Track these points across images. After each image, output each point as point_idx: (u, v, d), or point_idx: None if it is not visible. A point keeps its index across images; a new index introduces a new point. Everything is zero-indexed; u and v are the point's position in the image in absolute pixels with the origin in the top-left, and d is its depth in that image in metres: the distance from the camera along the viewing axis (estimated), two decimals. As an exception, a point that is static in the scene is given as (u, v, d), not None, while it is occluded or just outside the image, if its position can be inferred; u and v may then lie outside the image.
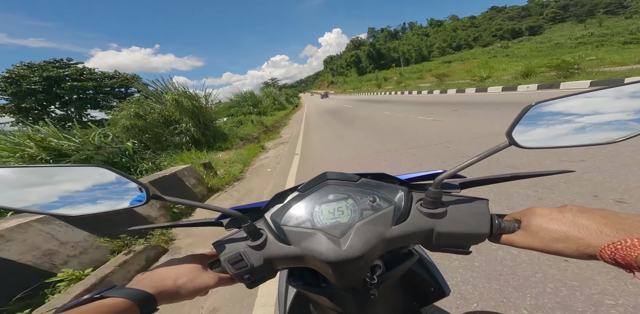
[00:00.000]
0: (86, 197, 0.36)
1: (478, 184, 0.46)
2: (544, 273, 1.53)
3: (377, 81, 56.83)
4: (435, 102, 11.71)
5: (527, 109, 0.34)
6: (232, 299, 1.92)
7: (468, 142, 4.40)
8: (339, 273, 0.39)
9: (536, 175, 0.43)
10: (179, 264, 0.42)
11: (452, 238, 0.40)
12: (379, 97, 27.93)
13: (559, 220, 0.33)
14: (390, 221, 0.40)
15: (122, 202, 0.38)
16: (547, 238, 0.33)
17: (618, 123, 0.32)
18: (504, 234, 0.39)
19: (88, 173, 0.37)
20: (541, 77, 11.39)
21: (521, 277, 1.53)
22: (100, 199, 0.37)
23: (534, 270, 1.56)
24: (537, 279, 1.50)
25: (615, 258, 0.27)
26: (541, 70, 12.27)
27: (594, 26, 66.87)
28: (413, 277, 0.60)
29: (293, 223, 0.42)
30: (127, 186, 0.38)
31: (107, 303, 0.32)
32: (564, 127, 0.34)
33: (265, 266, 0.42)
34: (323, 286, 0.50)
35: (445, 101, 11.55)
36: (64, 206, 0.35)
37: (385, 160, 4.42)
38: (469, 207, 0.40)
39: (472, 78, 17.34)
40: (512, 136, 0.35)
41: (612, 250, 0.27)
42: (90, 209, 0.36)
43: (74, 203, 0.36)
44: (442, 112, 8.18)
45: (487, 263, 1.69)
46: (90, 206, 0.36)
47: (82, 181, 0.37)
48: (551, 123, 0.35)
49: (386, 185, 0.44)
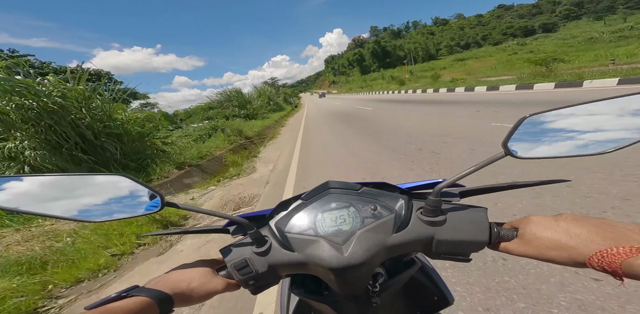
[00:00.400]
0: (106, 204, 0.38)
1: (477, 193, 0.47)
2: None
3: (390, 79, 51.02)
4: (533, 102, 6.83)
5: (521, 121, 0.35)
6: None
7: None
8: (341, 279, 0.39)
9: (534, 184, 0.43)
10: (190, 268, 0.43)
11: (452, 246, 0.40)
12: (397, 96, 22.25)
13: (553, 229, 0.34)
14: (391, 229, 0.41)
15: (138, 209, 0.40)
16: (542, 247, 0.34)
17: (612, 134, 0.33)
18: (502, 242, 0.40)
19: (108, 181, 0.39)
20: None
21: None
22: (119, 206, 0.39)
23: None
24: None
25: (603, 266, 0.28)
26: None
27: (617, 22, 62.02)
28: (416, 285, 0.59)
29: (296, 231, 0.42)
30: (143, 194, 0.40)
31: (132, 301, 0.33)
32: (558, 137, 0.36)
33: (269, 272, 0.42)
34: (325, 294, 0.50)
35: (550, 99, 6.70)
36: (85, 212, 0.37)
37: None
38: (468, 215, 0.41)
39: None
40: (508, 146, 0.36)
41: (599, 258, 0.28)
42: (109, 216, 0.39)
43: (94, 209, 0.37)
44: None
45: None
46: (109, 212, 0.38)
47: (103, 189, 0.38)
48: (546, 134, 0.36)
49: (387, 194, 0.45)
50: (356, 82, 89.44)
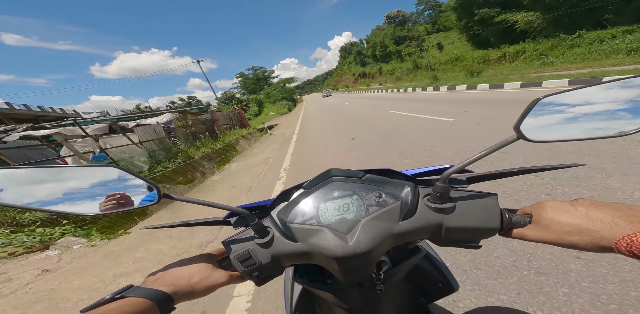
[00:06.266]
0: (99, 196, 0.36)
1: (486, 179, 0.46)
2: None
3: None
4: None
5: (535, 103, 0.34)
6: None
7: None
8: (346, 268, 0.39)
9: (545, 168, 0.42)
10: (190, 264, 0.41)
11: (461, 233, 0.40)
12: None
13: (572, 213, 0.33)
14: (397, 216, 0.40)
15: (134, 201, 0.38)
16: (560, 231, 0.33)
17: (629, 116, 0.31)
18: (515, 228, 0.39)
19: (99, 172, 0.37)
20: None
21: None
22: (114, 198, 0.37)
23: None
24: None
25: (632, 250, 0.27)
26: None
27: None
28: (420, 273, 0.59)
29: (299, 220, 0.42)
30: (138, 186, 0.38)
31: (128, 303, 0.32)
32: (573, 120, 0.34)
33: (273, 263, 0.42)
34: (329, 283, 0.50)
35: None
36: (77, 206, 0.35)
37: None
38: (478, 202, 0.40)
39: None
40: (521, 130, 0.34)
41: (628, 242, 0.27)
42: (104, 208, 0.37)
43: (86, 202, 0.36)
44: None
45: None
46: (104, 205, 0.37)
47: (94, 181, 0.37)
48: (560, 117, 0.34)
49: (391, 181, 0.44)
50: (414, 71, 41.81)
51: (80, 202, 0.35)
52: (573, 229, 0.32)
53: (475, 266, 1.61)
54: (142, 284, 0.37)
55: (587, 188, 2.08)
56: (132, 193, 0.38)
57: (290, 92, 46.67)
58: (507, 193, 2.25)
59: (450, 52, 36.62)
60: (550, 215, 0.34)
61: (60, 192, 0.35)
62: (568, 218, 0.32)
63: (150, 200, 0.38)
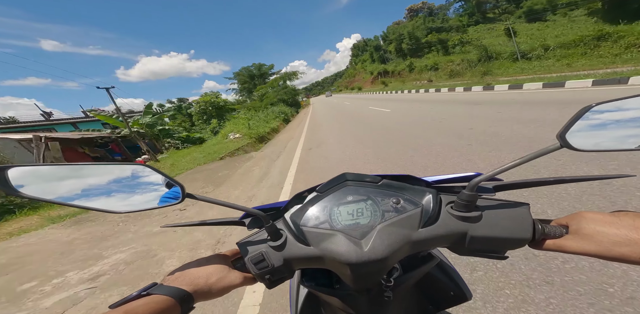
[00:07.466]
0: (128, 194, 0.37)
1: (516, 187, 0.43)
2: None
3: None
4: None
5: (585, 110, 0.32)
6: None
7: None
8: (358, 274, 0.38)
9: (586, 179, 0.39)
10: (207, 264, 0.42)
11: (487, 243, 0.39)
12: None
13: (617, 224, 0.31)
14: (417, 223, 0.39)
15: (159, 200, 0.39)
16: (607, 242, 0.30)
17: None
18: (549, 239, 0.37)
19: (130, 170, 0.38)
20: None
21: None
22: (141, 196, 0.38)
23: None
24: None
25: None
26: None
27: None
28: (431, 280, 0.57)
29: (312, 224, 0.41)
30: (163, 185, 0.39)
31: (153, 301, 0.33)
32: (625, 129, 0.32)
33: (284, 266, 0.42)
34: (336, 287, 0.50)
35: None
36: (108, 202, 0.36)
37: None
38: (508, 211, 0.38)
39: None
40: (565, 138, 0.33)
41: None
42: (129, 206, 0.37)
43: (117, 199, 0.37)
44: None
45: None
46: (132, 203, 0.37)
47: (125, 178, 0.38)
48: (611, 125, 0.33)
49: (410, 187, 0.43)
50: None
51: (110, 199, 0.36)
52: (622, 240, 0.29)
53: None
54: (163, 282, 0.38)
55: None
56: (158, 191, 0.39)
57: (293, 92, 33.10)
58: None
59: (564, 33, 26.11)
60: (592, 225, 0.32)
61: (91, 188, 0.36)
62: (614, 229, 0.30)
63: (175, 198, 0.39)
